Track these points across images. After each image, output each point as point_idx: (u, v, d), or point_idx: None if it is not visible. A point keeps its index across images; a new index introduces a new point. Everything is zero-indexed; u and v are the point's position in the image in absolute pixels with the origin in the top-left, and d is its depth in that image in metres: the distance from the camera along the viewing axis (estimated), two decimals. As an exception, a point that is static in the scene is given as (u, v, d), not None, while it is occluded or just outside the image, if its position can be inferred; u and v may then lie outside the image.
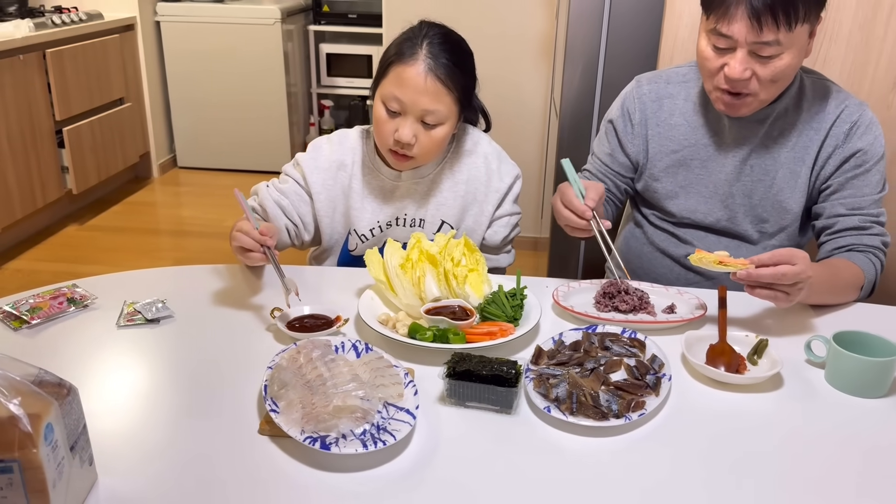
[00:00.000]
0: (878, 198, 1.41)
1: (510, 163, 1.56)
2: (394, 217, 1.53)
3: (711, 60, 1.32)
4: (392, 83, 1.39)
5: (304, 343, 1.09)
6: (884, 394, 1.09)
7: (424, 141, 1.41)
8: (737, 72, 1.28)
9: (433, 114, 1.39)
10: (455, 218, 1.53)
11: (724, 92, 1.34)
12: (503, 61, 3.24)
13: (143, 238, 3.68)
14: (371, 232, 1.53)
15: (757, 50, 1.27)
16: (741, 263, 1.18)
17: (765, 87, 1.32)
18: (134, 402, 1.05)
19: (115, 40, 3.92)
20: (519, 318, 1.26)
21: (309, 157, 1.53)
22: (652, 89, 1.51)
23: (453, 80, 1.39)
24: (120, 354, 1.16)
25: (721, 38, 1.29)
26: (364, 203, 1.52)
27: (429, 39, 1.39)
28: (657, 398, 1.05)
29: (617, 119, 1.54)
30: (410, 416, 0.97)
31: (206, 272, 1.43)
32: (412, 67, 1.37)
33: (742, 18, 1.24)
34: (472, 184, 1.53)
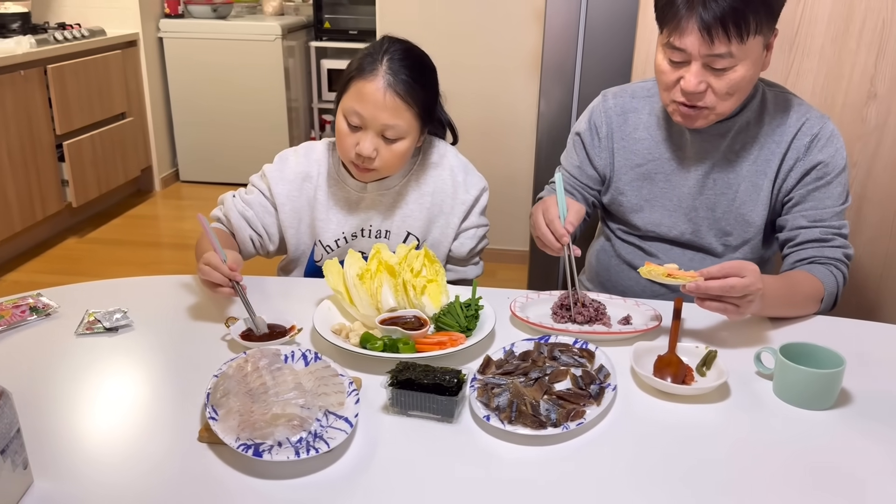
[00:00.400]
0: (840, 210, 1.40)
1: (477, 175, 1.57)
2: (359, 228, 1.55)
3: (667, 74, 1.33)
4: (352, 98, 1.41)
5: (254, 352, 1.10)
6: (830, 405, 1.09)
7: (386, 155, 1.43)
8: (692, 85, 1.29)
9: (393, 129, 1.41)
10: (421, 230, 1.54)
11: (681, 104, 1.34)
12: (495, 75, 3.27)
13: (143, 251, 3.72)
14: (336, 243, 1.54)
15: (710, 62, 1.28)
16: (690, 276, 1.19)
17: (721, 100, 1.32)
18: (80, 408, 1.07)
19: (117, 56, 3.99)
20: (473, 328, 1.27)
21: (275, 168, 1.55)
22: (617, 103, 1.52)
23: (413, 95, 1.40)
24: (74, 362, 1.18)
25: (675, 52, 1.30)
26: (329, 214, 1.54)
27: (389, 55, 1.41)
28: (598, 408, 1.05)
29: (584, 132, 1.55)
30: (348, 424, 0.98)
31: (171, 282, 1.45)
32: (371, 83, 1.39)
33: (693, 31, 1.26)
34: (437, 196, 1.54)
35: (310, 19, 4.83)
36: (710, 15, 1.23)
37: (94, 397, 1.10)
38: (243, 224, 1.52)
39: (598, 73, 2.02)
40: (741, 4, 1.23)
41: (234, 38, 4.40)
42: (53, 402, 1.07)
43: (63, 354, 1.20)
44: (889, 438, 1.02)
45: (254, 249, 1.55)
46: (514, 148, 3.31)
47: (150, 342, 1.25)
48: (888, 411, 1.09)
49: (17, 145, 3.29)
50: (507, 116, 3.32)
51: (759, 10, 1.25)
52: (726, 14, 1.23)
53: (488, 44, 3.25)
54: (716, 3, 1.23)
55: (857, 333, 1.33)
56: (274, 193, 1.53)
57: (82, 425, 1.03)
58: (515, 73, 3.26)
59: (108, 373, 1.16)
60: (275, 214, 1.54)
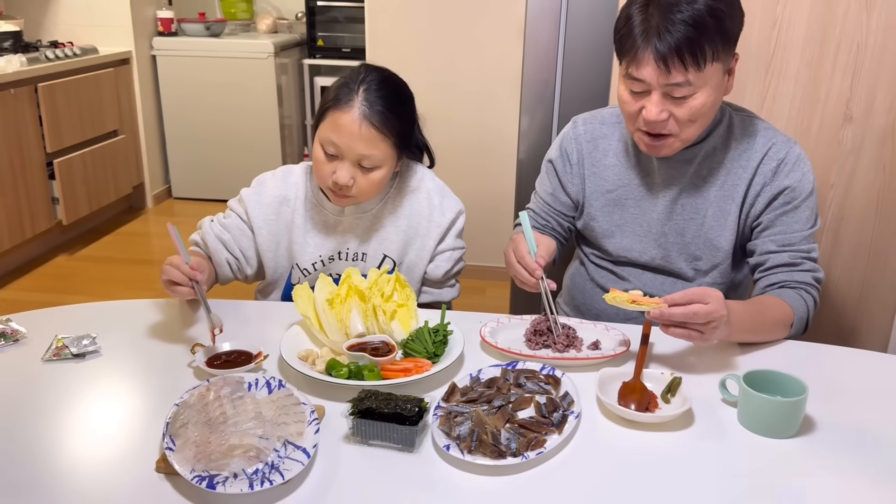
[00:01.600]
0: (809, 234, 1.41)
1: (453, 198, 1.58)
2: (336, 251, 1.55)
3: (630, 104, 1.34)
4: (328, 128, 1.42)
5: (216, 380, 1.10)
6: (793, 434, 1.09)
7: (362, 183, 1.44)
8: (653, 114, 1.30)
9: (369, 158, 1.42)
10: (397, 253, 1.55)
11: (645, 133, 1.35)
12: (479, 93, 3.29)
13: (133, 268, 3.73)
14: (314, 266, 1.55)
15: (670, 91, 1.29)
16: (654, 302, 1.19)
17: (684, 127, 1.33)
18: (42, 435, 1.06)
19: (109, 74, 4.01)
20: (441, 354, 1.27)
21: (252, 192, 1.56)
22: (587, 129, 1.53)
23: (388, 126, 1.41)
24: (38, 388, 1.18)
25: (635, 83, 1.31)
26: (306, 238, 1.54)
27: (365, 85, 1.42)
28: (559, 436, 1.05)
29: (556, 159, 1.56)
30: (306, 454, 0.98)
31: (143, 306, 1.45)
32: (347, 114, 1.40)
33: (650, 62, 1.27)
34: (414, 219, 1.55)
35: (303, 37, 4.86)
36: (664, 46, 1.24)
37: (56, 424, 1.09)
38: (220, 248, 1.53)
39: (577, 93, 2.03)
40: (695, 34, 1.24)
41: (227, 56, 4.42)
42: (15, 429, 1.07)
43: (27, 381, 1.19)
44: (849, 469, 1.02)
45: (231, 273, 1.55)
46: (499, 166, 3.32)
47: (116, 368, 1.25)
48: (851, 440, 1.08)
49: (6, 163, 3.30)
50: (491, 134, 3.33)
51: (714, 39, 1.26)
52: (681, 44, 1.24)
53: (474, 62, 3.27)
54: (670, 34, 1.24)
55: (827, 359, 1.33)
56: (251, 217, 1.53)
57: (42, 453, 1.02)
58: (500, 91, 3.27)
59: (71, 400, 1.16)
60: (252, 238, 1.54)
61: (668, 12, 1.25)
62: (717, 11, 1.26)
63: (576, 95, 2.04)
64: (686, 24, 1.24)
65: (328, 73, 4.82)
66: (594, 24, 1.97)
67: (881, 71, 1.74)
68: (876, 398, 1.20)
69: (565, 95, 2.04)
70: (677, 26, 1.24)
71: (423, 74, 3.36)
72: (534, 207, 1.63)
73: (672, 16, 1.25)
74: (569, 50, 2.00)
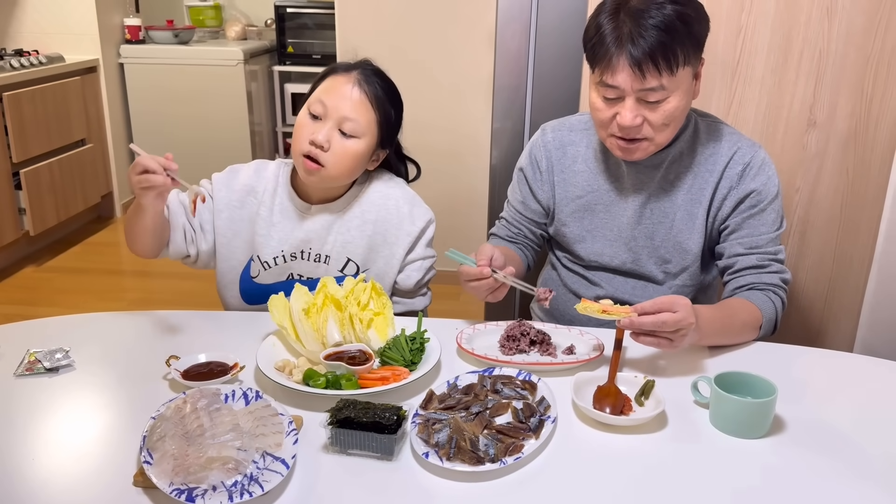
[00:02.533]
0: (776, 236, 1.44)
1: (423, 207, 1.58)
2: (299, 249, 1.55)
3: (603, 111, 1.36)
4: (322, 90, 1.47)
5: (193, 392, 1.09)
6: (763, 434, 1.11)
7: (338, 149, 1.45)
8: (628, 119, 1.33)
9: (351, 122, 1.44)
10: (361, 257, 1.55)
11: (619, 139, 1.37)
12: (453, 99, 3.31)
13: (102, 279, 3.68)
14: (274, 260, 1.55)
15: (644, 96, 1.31)
16: (624, 311, 1.21)
17: (658, 131, 1.36)
18: (16, 451, 1.05)
19: (76, 82, 3.96)
20: (418, 361, 1.27)
21: (223, 175, 1.58)
22: (556, 137, 1.55)
23: (378, 99, 1.47)
24: (11, 404, 1.16)
25: (609, 89, 1.33)
26: (271, 231, 1.54)
27: (365, 66, 1.50)
28: (537, 441, 1.06)
29: (526, 167, 1.58)
30: (284, 465, 0.98)
31: (115, 319, 1.44)
32: (343, 77, 1.47)
33: (625, 68, 1.29)
34: (381, 225, 1.55)
35: (273, 44, 4.84)
36: (639, 51, 1.27)
37: (31, 440, 1.08)
38: (180, 211, 1.52)
39: (548, 99, 2.05)
40: (668, 38, 1.27)
41: (196, 64, 4.40)
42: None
43: (0, 396, 1.18)
44: (819, 467, 1.05)
45: (183, 243, 1.52)
46: (472, 171, 3.34)
47: (90, 382, 1.23)
48: (820, 439, 1.11)
49: (-29, 174, 3.25)
50: (464, 140, 3.35)
51: (685, 42, 1.29)
52: (655, 48, 1.27)
53: (445, 68, 3.29)
54: (643, 39, 1.27)
55: (795, 360, 1.36)
56: (215, 195, 1.55)
57: (18, 469, 1.01)
58: (473, 96, 3.29)
59: (45, 415, 1.14)
60: (212, 212, 1.55)
61: (639, 18, 1.28)
62: (685, 16, 1.29)
63: (547, 101, 2.06)
64: (658, 29, 1.27)
65: (299, 80, 4.81)
66: (564, 31, 2.00)
67: (843, 77, 1.79)
68: (843, 397, 1.23)
69: (536, 102, 2.06)
70: (650, 31, 1.27)
71: (394, 80, 3.36)
72: (506, 216, 1.65)
73: (644, 21, 1.28)
74: (539, 57, 2.02)
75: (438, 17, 3.23)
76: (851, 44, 1.76)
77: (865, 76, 1.78)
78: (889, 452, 1.08)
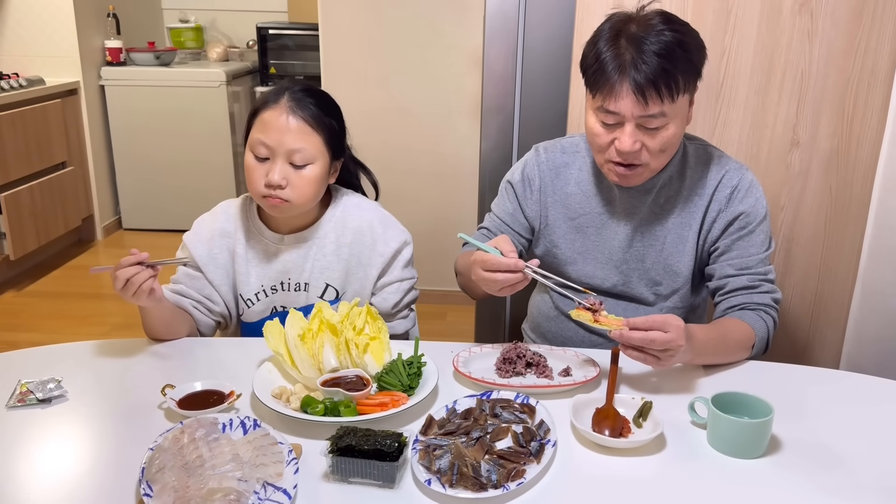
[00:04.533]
0: (765, 256, 1.46)
1: (398, 228, 1.58)
2: (278, 281, 1.55)
3: (601, 136, 1.37)
4: (258, 130, 1.44)
5: (190, 422, 1.08)
6: (760, 454, 1.12)
7: (296, 181, 1.44)
8: (627, 145, 1.34)
9: (300, 152, 1.43)
10: (339, 281, 1.55)
11: (617, 164, 1.38)
12: (439, 119, 3.32)
13: (84, 303, 3.63)
14: (256, 297, 1.55)
15: (644, 123, 1.33)
16: (616, 323, 1.23)
17: (655, 157, 1.37)
18: (9, 485, 1.03)
19: (56, 105, 3.93)
20: (416, 386, 1.27)
21: (192, 233, 1.56)
22: (549, 158, 1.56)
23: (317, 119, 1.44)
24: (5, 436, 1.14)
25: (609, 115, 1.34)
26: (248, 268, 1.54)
27: (291, 89, 1.46)
28: (538, 465, 1.06)
29: (517, 183, 1.58)
30: (286, 496, 0.97)
31: (107, 347, 1.42)
32: (274, 111, 1.43)
33: (628, 95, 1.30)
34: (355, 247, 1.55)
35: (255, 65, 4.84)
36: (642, 77, 1.28)
37: (25, 473, 1.06)
38: (178, 298, 1.52)
39: (536, 121, 2.07)
40: (670, 65, 1.29)
41: (177, 85, 4.38)
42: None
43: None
44: (816, 486, 1.06)
45: (205, 317, 1.53)
46: (460, 191, 3.35)
47: (85, 413, 1.22)
48: (816, 457, 1.12)
49: (-50, 199, 3.21)
50: (451, 160, 3.36)
51: (686, 70, 1.31)
52: (658, 76, 1.28)
53: (432, 89, 3.31)
54: (646, 66, 1.28)
55: (788, 378, 1.38)
56: (196, 257, 1.53)
57: (14, 503, 1.00)
58: (459, 117, 3.31)
59: (40, 447, 1.13)
60: (202, 277, 1.54)
61: (640, 45, 1.29)
62: (685, 43, 1.31)
63: (535, 123, 2.08)
64: (659, 56, 1.28)
65: (281, 101, 4.81)
66: (551, 53, 2.02)
67: (824, 97, 1.82)
68: (836, 415, 1.25)
69: (524, 123, 2.08)
70: (652, 58, 1.28)
71: (379, 101, 3.37)
72: (488, 226, 1.62)
73: (644, 47, 1.29)
74: (526, 78, 2.04)
75: (423, 39, 3.25)
76: (832, 65, 1.80)
77: (846, 97, 1.82)
78: (883, 470, 1.09)
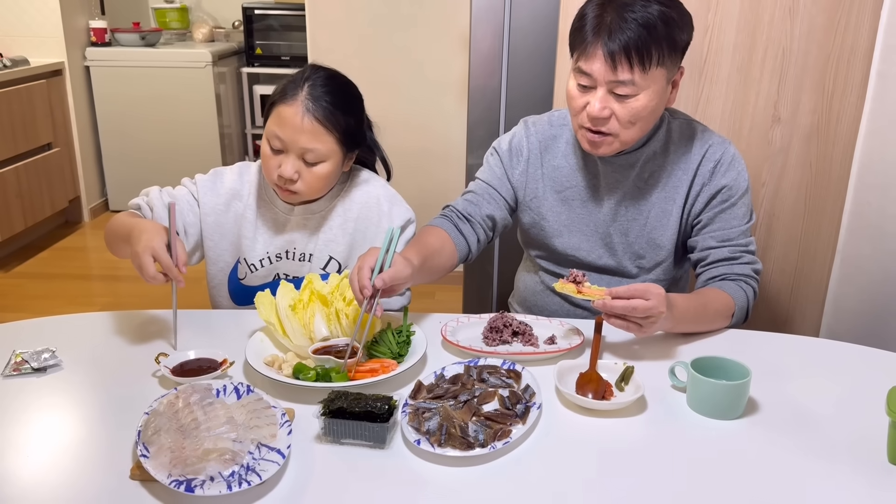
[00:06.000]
0: (746, 228, 1.50)
1: (404, 206, 1.60)
2: (283, 250, 1.57)
3: (576, 99, 1.41)
4: (274, 122, 1.46)
5: (185, 388, 1.11)
6: (738, 415, 1.16)
7: (307, 177, 1.47)
8: (595, 109, 1.37)
9: (312, 152, 1.45)
10: (343, 255, 1.57)
11: (587, 130, 1.42)
12: (426, 99, 3.34)
13: (72, 284, 3.63)
14: (261, 262, 1.57)
15: (614, 88, 1.36)
16: (599, 293, 1.26)
17: (624, 128, 1.40)
18: (9, 451, 1.06)
19: (41, 86, 3.91)
20: (405, 354, 1.30)
21: (208, 179, 1.59)
22: (538, 131, 1.59)
23: (332, 120, 1.45)
24: (1, 404, 1.16)
25: (583, 76, 1.38)
26: (256, 234, 1.57)
27: (311, 81, 1.46)
28: (524, 426, 1.10)
29: (504, 151, 1.60)
30: (280, 455, 1.00)
31: (99, 319, 1.45)
32: (291, 107, 1.43)
33: (599, 57, 1.34)
34: (361, 222, 1.57)
35: (241, 45, 4.82)
36: (615, 44, 1.32)
37: (23, 439, 1.09)
38: (165, 215, 1.51)
39: (522, 97, 2.09)
40: (645, 36, 1.32)
41: (163, 66, 4.36)
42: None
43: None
44: (791, 446, 1.10)
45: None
46: (445, 171, 3.37)
47: (79, 381, 1.24)
48: (792, 419, 1.16)
49: (-65, 179, 3.19)
50: (438, 140, 3.39)
51: (661, 44, 1.34)
52: (630, 44, 1.31)
53: (419, 69, 3.32)
54: (621, 33, 1.31)
55: (766, 345, 1.42)
56: (201, 199, 1.56)
57: (11, 468, 1.02)
58: (446, 97, 3.33)
59: (37, 414, 1.15)
60: (198, 215, 1.56)
61: (622, 11, 1.32)
62: (668, 18, 1.34)
63: (521, 101, 2.10)
64: (637, 24, 1.31)
65: (267, 82, 4.80)
66: (537, 31, 2.04)
67: (805, 74, 1.86)
68: (811, 379, 1.29)
69: (511, 101, 2.11)
70: (629, 24, 1.31)
71: (366, 81, 3.35)
72: (474, 189, 1.61)
73: (626, 14, 1.32)
74: (513, 56, 2.07)
75: (410, 18, 3.26)
76: (813, 42, 1.83)
77: (826, 73, 1.85)
78: (856, 430, 1.13)
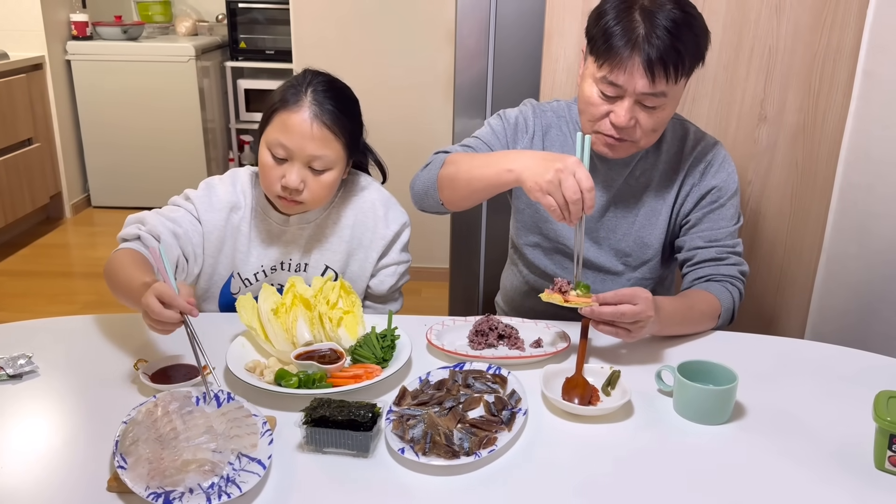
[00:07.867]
0: (734, 229, 1.49)
1: (399, 210, 1.58)
2: (279, 262, 1.54)
3: (597, 106, 1.37)
4: (277, 130, 1.41)
5: (164, 395, 1.09)
6: (725, 420, 1.15)
7: (314, 186, 1.43)
8: (623, 120, 1.34)
9: (320, 159, 1.41)
10: (340, 263, 1.55)
11: (608, 136, 1.39)
12: (411, 95, 3.32)
13: (53, 282, 3.59)
14: (255, 276, 1.53)
15: (643, 100, 1.33)
16: (585, 302, 1.25)
17: (646, 135, 1.38)
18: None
19: (21, 80, 3.85)
20: (389, 359, 1.28)
21: (202, 195, 1.51)
22: (543, 115, 1.56)
23: (339, 126, 1.41)
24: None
25: (611, 87, 1.34)
26: (250, 247, 1.52)
27: (313, 87, 1.42)
28: (510, 433, 1.09)
29: (511, 123, 1.55)
30: (261, 466, 0.98)
31: (78, 323, 1.42)
32: (297, 115, 1.39)
33: (637, 70, 1.29)
34: (357, 229, 1.55)
35: (225, 39, 4.77)
36: (655, 52, 1.28)
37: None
38: (174, 243, 1.44)
39: (509, 93, 2.07)
40: (680, 44, 1.29)
41: (145, 60, 4.31)
42: (-48, 457, 1.03)
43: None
44: (778, 450, 1.09)
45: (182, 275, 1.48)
46: (433, 168, 3.35)
47: (56, 388, 1.21)
48: (778, 423, 1.16)
49: (-88, 176, 3.14)
50: (424, 135, 3.36)
51: (693, 52, 1.33)
52: (668, 53, 1.28)
53: (404, 64, 3.29)
54: (659, 41, 1.28)
55: (753, 348, 1.41)
56: (202, 218, 1.49)
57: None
58: (432, 92, 3.31)
59: (11, 422, 1.12)
60: (202, 235, 1.49)
61: (653, 19, 1.28)
62: (693, 25, 1.32)
63: (507, 97, 2.08)
64: (670, 33, 1.28)
65: (252, 76, 4.76)
66: (523, 26, 2.02)
67: (791, 73, 1.85)
68: (798, 383, 1.28)
69: (497, 97, 2.08)
70: (664, 34, 1.28)
71: (352, 76, 3.32)
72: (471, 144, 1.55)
73: (657, 21, 1.28)
74: (499, 52, 2.05)
75: (395, 13, 3.23)
76: (799, 41, 1.82)
77: (812, 72, 1.84)
78: (842, 436, 1.13)
